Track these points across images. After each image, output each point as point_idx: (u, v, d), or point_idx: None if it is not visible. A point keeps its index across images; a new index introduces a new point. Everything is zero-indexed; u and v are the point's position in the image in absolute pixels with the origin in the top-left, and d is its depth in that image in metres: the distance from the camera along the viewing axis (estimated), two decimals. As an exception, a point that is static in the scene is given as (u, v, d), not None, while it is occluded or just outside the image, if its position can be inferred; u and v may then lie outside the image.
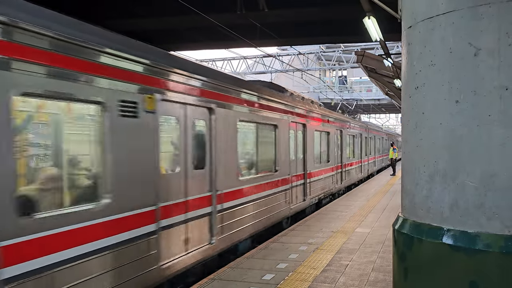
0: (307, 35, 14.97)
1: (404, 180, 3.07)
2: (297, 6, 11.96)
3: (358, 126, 21.60)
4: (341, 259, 7.06)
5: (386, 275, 6.19)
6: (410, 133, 2.94)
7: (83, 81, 4.34)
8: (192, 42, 16.23)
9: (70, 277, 4.11)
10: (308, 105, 12.84)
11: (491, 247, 2.44)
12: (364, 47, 28.35)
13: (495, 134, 2.47)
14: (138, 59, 5.19)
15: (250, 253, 7.56)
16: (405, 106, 3.04)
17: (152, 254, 5.31)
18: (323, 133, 14.16)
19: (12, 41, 3.68)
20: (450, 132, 2.63)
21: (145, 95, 5.28)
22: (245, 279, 6.09)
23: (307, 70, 31.06)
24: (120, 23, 12.90)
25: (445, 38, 2.65)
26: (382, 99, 43.15)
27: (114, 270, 4.67)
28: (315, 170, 13.06)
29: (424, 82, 2.78)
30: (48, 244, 3.90)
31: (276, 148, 9.87)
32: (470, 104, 2.55)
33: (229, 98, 7.47)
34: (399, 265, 2.98)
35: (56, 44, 4.07)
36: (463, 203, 2.58)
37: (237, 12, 11.62)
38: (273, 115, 9.65)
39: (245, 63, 31.64)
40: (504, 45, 2.43)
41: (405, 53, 3.00)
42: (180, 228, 5.99)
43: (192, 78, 6.32)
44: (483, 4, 2.48)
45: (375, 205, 13.15)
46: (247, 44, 14.98)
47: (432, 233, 2.68)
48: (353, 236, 8.86)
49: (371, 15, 8.12)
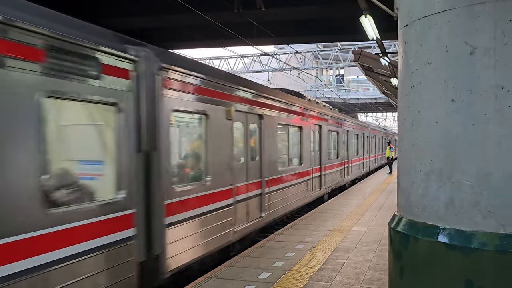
0: (304, 34, 14.97)
1: (400, 179, 3.07)
2: (294, 4, 11.95)
3: (361, 126, 23.83)
4: (338, 258, 7.07)
5: (382, 273, 6.20)
6: (406, 131, 2.94)
7: (204, 102, 6.72)
8: (190, 40, 16.21)
9: (199, 224, 6.49)
10: (322, 108, 15.36)
11: (486, 246, 2.45)
12: (361, 46, 28.36)
13: (491, 133, 2.48)
14: (228, 84, 7.49)
15: (246, 252, 7.56)
16: (401, 104, 3.04)
17: (230, 220, 7.52)
18: (333, 132, 16.45)
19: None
20: (446, 130, 2.63)
21: (227, 108, 7.43)
22: (241, 278, 6.09)
23: (304, 69, 31.06)
24: (118, 22, 12.85)
25: (441, 37, 2.65)
26: (379, 98, 43.18)
27: (213, 227, 6.91)
28: (328, 164, 15.38)
29: (420, 81, 2.78)
30: (189, 202, 6.23)
31: (301, 145, 12.14)
32: (466, 103, 2.55)
33: (272, 106, 9.70)
34: (395, 264, 2.98)
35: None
36: (459, 201, 2.59)
37: (234, 10, 11.60)
38: (299, 118, 11.90)
39: (242, 61, 31.61)
40: (500, 44, 2.43)
41: (401, 52, 3.00)
42: (244, 204, 8.22)
43: (250, 92, 8.47)
44: (479, 3, 2.48)
45: (372, 204, 13.18)
46: (244, 42, 14.98)
47: (427, 232, 2.68)
48: (349, 234, 8.87)
49: (368, 14, 8.13)
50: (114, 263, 4.69)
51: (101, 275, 4.50)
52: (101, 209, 4.52)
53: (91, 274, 4.35)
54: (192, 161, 6.95)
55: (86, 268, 4.29)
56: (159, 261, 5.47)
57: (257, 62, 30.95)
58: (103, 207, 4.57)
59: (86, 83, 4.36)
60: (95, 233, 4.42)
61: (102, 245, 4.51)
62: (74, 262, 4.15)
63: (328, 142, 15.52)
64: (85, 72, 4.35)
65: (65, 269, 4.04)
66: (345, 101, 44.07)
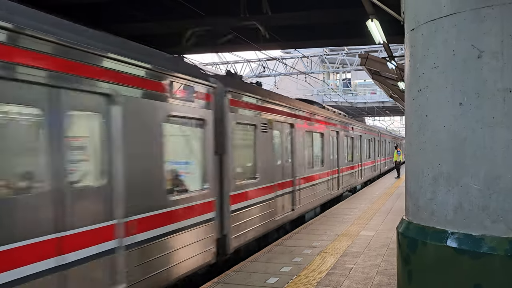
0: (310, 38, 14.96)
1: (408, 183, 3.06)
2: (300, 9, 11.97)
3: (372, 132, 25.49)
4: (346, 263, 7.04)
5: (391, 278, 6.16)
6: (414, 135, 2.93)
7: (254, 115, 8.56)
8: (196, 46, 16.26)
9: (252, 212, 8.09)
10: (338, 116, 17.00)
11: (495, 250, 2.43)
12: (368, 49, 28.30)
13: (499, 136, 2.46)
14: (269, 100, 9.29)
15: (254, 256, 7.55)
16: (408, 108, 3.03)
17: (272, 211, 9.11)
18: (349, 138, 18.00)
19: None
20: (454, 134, 2.62)
21: (269, 119, 9.11)
22: (249, 283, 6.08)
23: (311, 73, 31.04)
24: (124, 28, 12.94)
25: (448, 41, 2.64)
26: (386, 102, 43.03)
27: (259, 216, 8.42)
28: (345, 167, 16.90)
29: (427, 85, 2.77)
30: (245, 195, 7.94)
31: (322, 150, 13.72)
32: (473, 107, 2.54)
33: (300, 116, 11.27)
34: (404, 268, 2.96)
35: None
36: (467, 205, 2.57)
37: (240, 15, 11.64)
38: (321, 126, 13.53)
39: (249, 66, 31.66)
40: (507, 47, 2.43)
41: (408, 56, 3.00)
42: (280, 198, 9.66)
43: (285, 105, 10.16)
44: (486, 6, 2.47)
45: (380, 208, 13.11)
46: (251, 47, 15.00)
47: (436, 236, 2.67)
48: (357, 239, 8.83)
49: (374, 18, 8.12)
50: (203, 237, 6.41)
51: (197, 244, 6.21)
52: (197, 196, 6.31)
53: (191, 243, 6.05)
54: (246, 162, 8.52)
55: (188, 239, 5.98)
56: (226, 239, 7.13)
57: (264, 67, 30.96)
58: (199, 193, 6.42)
59: (187, 105, 6.12)
60: (194, 213, 6.20)
61: (198, 222, 6.26)
62: (182, 233, 5.84)
63: (344, 147, 17.03)
64: (188, 98, 6.14)
65: (178, 237, 5.74)
66: (352, 105, 43.96)
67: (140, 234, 5.01)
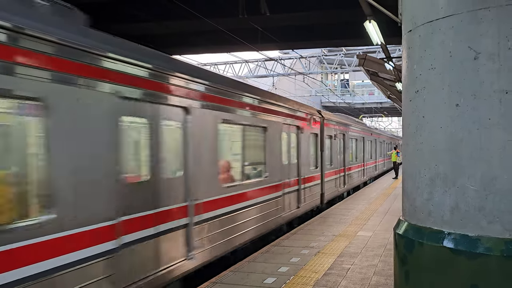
0: (308, 39, 14.98)
1: (405, 184, 3.07)
2: (298, 10, 11.98)
3: (374, 133, 26.20)
4: (343, 263, 7.05)
5: (388, 278, 6.17)
6: (411, 136, 2.94)
7: (334, 127, 14.85)
8: (195, 46, 16.26)
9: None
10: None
11: (492, 251, 2.44)
12: (366, 50, 28.35)
13: (496, 138, 2.48)
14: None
15: (251, 257, 7.55)
16: (405, 109, 3.05)
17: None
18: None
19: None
20: (450, 135, 2.63)
21: (336, 131, 14.76)
22: (247, 283, 6.08)
23: (309, 74, 31.07)
24: (124, 28, 12.93)
25: (445, 42, 2.65)
26: (384, 102, 43.12)
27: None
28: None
29: (424, 86, 2.79)
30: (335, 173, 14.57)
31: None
32: (470, 108, 2.55)
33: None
34: (400, 269, 2.98)
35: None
36: (464, 206, 2.58)
37: (239, 16, 11.65)
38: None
39: (247, 66, 31.66)
40: (503, 48, 2.44)
41: (405, 57, 3.01)
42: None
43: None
44: (483, 8, 2.49)
45: (377, 209, 13.14)
46: (249, 48, 15.02)
47: (433, 237, 2.68)
48: (355, 239, 8.85)
49: (372, 19, 8.13)
50: (319, 191, 13.09)
51: (318, 194, 12.80)
52: (316, 171, 12.61)
53: (319, 191, 12.28)
54: (331, 156, 14.04)
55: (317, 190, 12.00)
56: (323, 195, 13.35)
57: (262, 67, 30.96)
58: (316, 170, 12.74)
59: (313, 131, 12.02)
60: (315, 178, 12.73)
61: (315, 184, 12.72)
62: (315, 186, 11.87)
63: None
64: (313, 123, 12.03)
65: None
66: (350, 106, 44.03)
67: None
